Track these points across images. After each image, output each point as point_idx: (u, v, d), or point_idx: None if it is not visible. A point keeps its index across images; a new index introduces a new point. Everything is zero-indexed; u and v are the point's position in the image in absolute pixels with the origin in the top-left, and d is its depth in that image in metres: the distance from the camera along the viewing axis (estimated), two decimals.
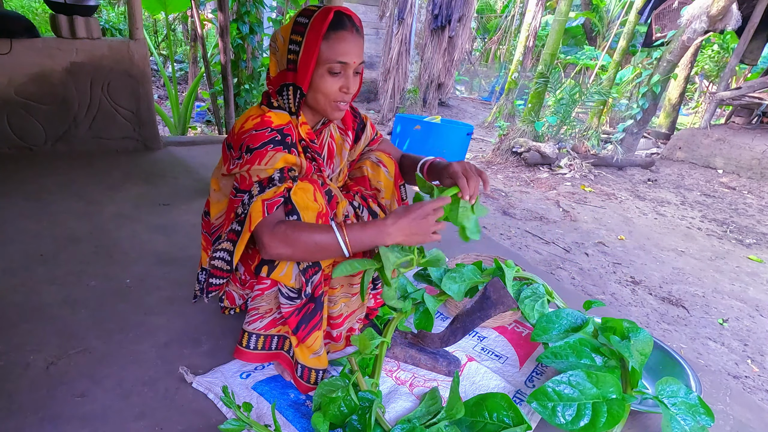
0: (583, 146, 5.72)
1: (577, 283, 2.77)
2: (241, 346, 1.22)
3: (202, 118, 6.61)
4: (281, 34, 1.10)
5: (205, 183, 2.66)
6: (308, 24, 1.05)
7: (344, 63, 1.08)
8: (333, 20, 1.05)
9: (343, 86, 1.11)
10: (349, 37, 1.07)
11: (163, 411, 1.11)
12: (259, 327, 1.20)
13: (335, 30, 1.06)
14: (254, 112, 1.14)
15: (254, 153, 1.05)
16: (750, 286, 3.06)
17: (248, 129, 1.08)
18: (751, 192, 5.55)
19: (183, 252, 1.87)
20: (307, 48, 1.05)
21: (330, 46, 1.06)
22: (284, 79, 1.10)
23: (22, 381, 1.15)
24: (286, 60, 1.09)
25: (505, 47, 12.00)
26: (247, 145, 1.06)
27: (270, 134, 1.07)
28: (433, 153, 4.24)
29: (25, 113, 2.73)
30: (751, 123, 7.14)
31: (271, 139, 1.07)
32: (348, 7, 1.25)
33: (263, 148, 1.05)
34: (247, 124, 1.10)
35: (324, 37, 1.05)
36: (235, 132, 1.12)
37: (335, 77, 1.09)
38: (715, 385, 1.51)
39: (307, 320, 1.11)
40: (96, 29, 2.81)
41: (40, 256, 1.73)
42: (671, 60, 5.99)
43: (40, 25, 7.18)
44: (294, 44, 1.07)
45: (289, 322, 1.11)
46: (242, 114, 1.19)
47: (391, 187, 1.36)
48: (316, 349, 1.15)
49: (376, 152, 1.38)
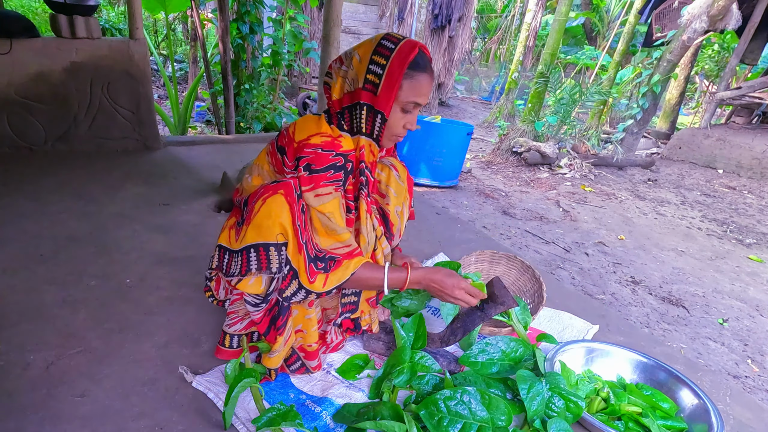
0: (583, 146, 5.72)
1: (577, 283, 2.77)
2: (223, 346, 1.27)
3: (202, 118, 6.61)
4: (358, 52, 1.10)
5: (205, 183, 2.66)
6: (394, 50, 1.06)
7: (418, 104, 1.12)
8: (416, 57, 1.07)
9: (408, 123, 1.15)
10: (428, 81, 1.11)
11: (163, 411, 1.11)
12: (239, 329, 1.25)
13: (417, 70, 1.08)
14: (325, 129, 1.13)
15: (313, 176, 1.07)
16: (750, 286, 3.06)
17: (314, 145, 1.08)
18: (752, 192, 5.55)
19: (183, 252, 1.87)
20: (391, 74, 1.06)
21: (411, 86, 1.08)
22: (358, 98, 1.09)
23: (22, 381, 1.15)
24: (363, 79, 1.08)
25: (505, 47, 12.00)
26: (308, 162, 1.07)
27: (334, 159, 1.09)
28: (433, 153, 4.23)
29: (25, 113, 2.73)
30: (751, 123, 7.14)
31: (332, 165, 1.08)
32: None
33: (324, 172, 1.07)
34: (315, 140, 1.09)
35: (406, 75, 1.07)
36: (294, 139, 1.11)
37: (404, 114, 1.13)
38: (715, 385, 1.51)
39: (274, 322, 1.14)
40: (96, 29, 2.81)
41: (40, 256, 1.73)
42: (671, 60, 5.99)
43: (40, 25, 7.18)
44: (376, 66, 1.06)
45: (260, 327, 1.15)
46: (303, 120, 1.16)
47: (403, 192, 1.36)
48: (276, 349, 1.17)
49: (389, 157, 1.37)
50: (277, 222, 1.02)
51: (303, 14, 5.21)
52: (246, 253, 1.05)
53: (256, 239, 1.04)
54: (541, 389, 1.13)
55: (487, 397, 1.06)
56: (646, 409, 1.22)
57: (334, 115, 1.15)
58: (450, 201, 4.08)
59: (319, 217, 1.10)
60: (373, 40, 1.10)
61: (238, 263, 1.07)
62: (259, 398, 1.11)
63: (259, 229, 1.03)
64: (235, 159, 3.09)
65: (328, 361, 1.34)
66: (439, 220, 2.73)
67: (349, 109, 1.12)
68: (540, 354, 1.28)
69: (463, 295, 1.19)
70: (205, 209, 2.32)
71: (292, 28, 5.15)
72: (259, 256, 1.04)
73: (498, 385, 1.25)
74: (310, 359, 1.25)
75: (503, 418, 1.04)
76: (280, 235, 1.03)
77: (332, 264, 1.12)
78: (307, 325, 1.21)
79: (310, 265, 1.08)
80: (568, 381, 1.24)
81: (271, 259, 1.04)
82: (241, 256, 1.06)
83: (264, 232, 1.03)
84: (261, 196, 1.05)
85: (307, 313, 1.20)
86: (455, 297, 1.19)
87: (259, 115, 4.90)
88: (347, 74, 1.10)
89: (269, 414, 1.04)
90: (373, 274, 1.16)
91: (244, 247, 1.05)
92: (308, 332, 1.22)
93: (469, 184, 4.68)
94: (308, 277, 1.07)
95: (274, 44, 4.99)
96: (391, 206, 1.33)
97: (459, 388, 1.08)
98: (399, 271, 1.19)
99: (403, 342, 1.30)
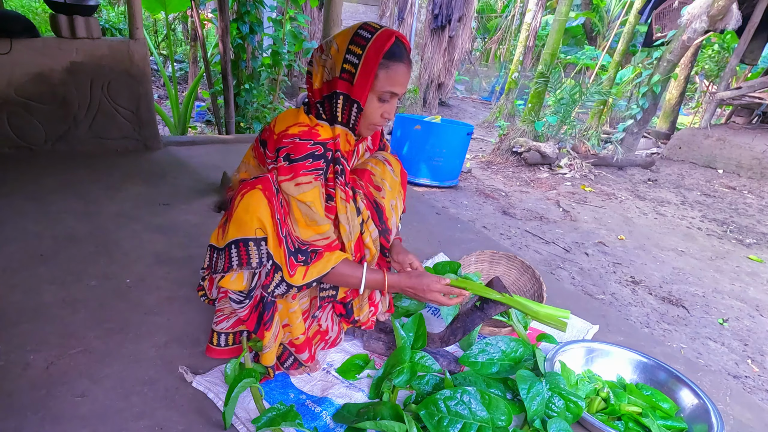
0: (583, 146, 5.72)
1: (577, 283, 2.77)
2: (212, 344, 1.28)
3: (202, 118, 6.61)
4: (336, 41, 1.10)
5: (205, 183, 2.66)
6: (370, 39, 1.06)
7: (395, 94, 1.12)
8: (392, 47, 1.07)
9: (385, 112, 1.15)
10: (404, 70, 1.11)
11: (163, 411, 1.11)
12: (226, 327, 1.26)
13: (393, 60, 1.08)
14: (303, 119, 1.15)
15: (293, 165, 1.07)
16: (750, 286, 3.06)
17: (292, 135, 1.09)
18: (752, 192, 5.55)
19: (183, 252, 1.87)
20: (366, 64, 1.06)
21: (387, 75, 1.08)
22: (335, 87, 1.10)
23: (22, 381, 1.15)
24: (340, 68, 1.08)
25: (505, 47, 12.00)
26: (287, 152, 1.08)
27: (312, 147, 1.09)
28: (433, 153, 4.23)
29: (25, 113, 2.73)
30: (752, 123, 7.14)
31: (311, 153, 1.09)
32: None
33: (303, 161, 1.08)
34: (293, 130, 1.10)
35: (382, 64, 1.07)
36: (274, 132, 1.12)
37: (381, 104, 1.13)
38: (715, 385, 1.51)
39: (261, 318, 1.15)
40: (96, 29, 2.81)
41: (40, 256, 1.73)
42: (671, 60, 5.98)
43: (40, 25, 7.18)
44: (352, 55, 1.07)
45: (248, 324, 1.15)
46: (284, 113, 1.19)
47: (397, 186, 1.37)
48: (266, 345, 1.17)
49: (383, 152, 1.39)
50: (255, 216, 1.03)
51: (303, 14, 5.21)
52: (228, 250, 1.06)
53: (237, 235, 1.05)
54: (541, 389, 1.13)
55: (487, 397, 1.06)
56: (646, 409, 1.22)
57: (313, 105, 1.16)
58: (450, 201, 4.08)
59: (299, 206, 1.10)
60: (351, 29, 1.10)
61: (222, 260, 1.07)
62: (259, 398, 1.11)
63: (239, 224, 1.04)
64: (235, 159, 3.08)
65: (328, 361, 1.34)
66: (439, 220, 2.73)
67: (327, 99, 1.13)
68: (540, 354, 1.28)
69: (437, 296, 1.20)
70: (205, 209, 2.32)
71: (292, 28, 5.15)
72: (239, 251, 1.05)
73: (498, 385, 1.25)
74: (299, 352, 1.24)
75: (503, 418, 1.04)
76: (258, 230, 1.04)
77: (313, 256, 1.13)
78: (291, 319, 1.21)
79: (290, 258, 1.09)
80: (568, 381, 1.24)
81: (251, 254, 1.04)
82: (225, 252, 1.06)
83: (243, 227, 1.04)
84: (240, 192, 1.06)
85: (290, 307, 1.21)
86: (430, 299, 1.20)
87: (259, 115, 4.90)
88: (326, 63, 1.11)
89: (269, 414, 1.04)
90: (352, 272, 1.17)
91: (227, 243, 1.06)
92: (293, 325, 1.22)
93: (469, 184, 4.68)
94: (288, 270, 1.08)
95: (274, 44, 4.99)
96: (386, 200, 1.33)
97: (459, 388, 1.08)
98: (376, 272, 1.20)
99: (403, 342, 1.30)
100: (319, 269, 1.13)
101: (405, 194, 1.42)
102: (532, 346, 1.33)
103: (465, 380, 1.24)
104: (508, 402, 1.20)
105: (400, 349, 1.27)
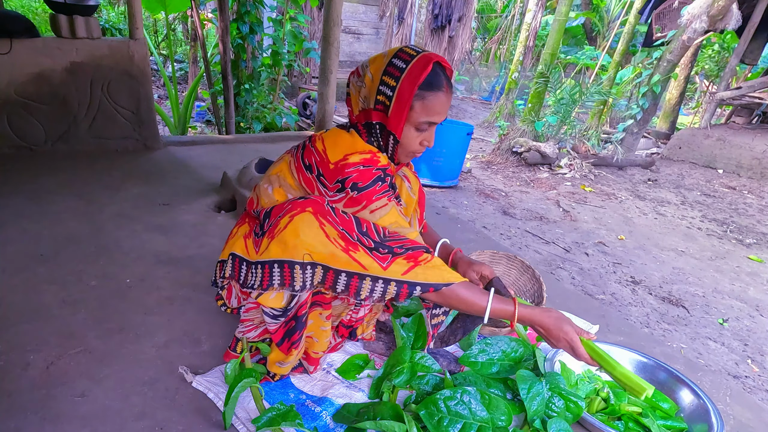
0: (584, 146, 5.72)
1: (577, 283, 2.77)
2: (234, 351, 1.25)
3: (202, 118, 6.62)
4: (370, 69, 1.07)
5: (205, 183, 2.66)
6: (405, 70, 1.02)
7: (433, 123, 1.09)
8: (428, 77, 1.02)
9: (424, 140, 1.12)
10: (443, 99, 1.06)
11: (163, 411, 1.11)
12: (253, 336, 1.24)
13: (430, 90, 1.04)
14: (360, 145, 1.09)
15: (363, 194, 1.05)
16: (750, 286, 3.06)
17: (354, 164, 1.05)
18: (752, 192, 5.55)
19: (183, 252, 1.87)
20: (401, 96, 1.02)
21: (423, 106, 1.05)
22: (370, 117, 1.08)
23: (22, 381, 1.15)
24: (374, 100, 1.06)
25: (505, 47, 12.00)
26: (353, 182, 1.04)
27: (376, 172, 1.06)
28: (433, 153, 4.22)
29: (25, 113, 2.73)
30: (752, 123, 7.14)
31: (377, 177, 1.06)
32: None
33: (372, 186, 1.05)
34: (353, 159, 1.05)
35: (417, 95, 1.03)
36: (329, 160, 1.06)
37: (419, 133, 1.10)
38: (715, 385, 1.51)
39: (290, 335, 1.13)
40: (96, 29, 2.81)
41: (40, 256, 1.73)
42: (671, 60, 5.98)
43: (40, 25, 7.18)
44: (386, 87, 1.04)
45: (274, 337, 1.14)
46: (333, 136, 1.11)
47: (413, 204, 1.33)
48: (289, 361, 1.16)
49: (403, 168, 1.35)
50: (305, 242, 1.00)
51: (303, 14, 5.22)
52: (269, 267, 1.03)
53: (281, 255, 1.02)
54: (541, 389, 1.13)
55: (487, 397, 1.06)
56: (646, 409, 1.22)
57: (362, 130, 1.13)
58: (450, 201, 4.08)
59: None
60: (386, 56, 1.06)
61: (257, 276, 1.06)
62: (259, 398, 1.11)
63: (284, 245, 1.01)
64: (235, 159, 3.09)
65: (328, 361, 1.34)
66: (439, 220, 2.73)
67: (365, 126, 1.11)
68: (540, 354, 1.28)
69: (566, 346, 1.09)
70: (205, 209, 2.32)
71: (292, 28, 5.15)
72: (282, 272, 1.03)
73: (498, 385, 1.25)
74: (310, 363, 1.24)
75: (503, 418, 1.04)
76: (306, 255, 1.01)
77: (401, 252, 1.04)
78: (319, 335, 1.20)
79: (373, 253, 1.03)
80: (568, 381, 1.24)
81: (296, 276, 1.03)
82: (263, 269, 1.04)
83: (290, 250, 1.01)
84: (288, 212, 1.02)
85: (322, 324, 1.19)
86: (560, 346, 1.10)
87: (259, 115, 4.90)
88: (361, 91, 1.09)
89: (269, 414, 1.04)
90: (475, 299, 1.07)
91: (267, 261, 1.03)
92: (319, 341, 1.21)
93: (469, 184, 4.68)
94: (380, 264, 1.02)
95: (274, 44, 4.99)
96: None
97: (459, 388, 1.08)
98: (506, 303, 1.09)
99: (403, 342, 1.30)
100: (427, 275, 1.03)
101: (423, 213, 1.38)
102: (532, 346, 1.33)
103: (465, 380, 1.24)
104: (508, 402, 1.20)
105: (400, 349, 1.27)
